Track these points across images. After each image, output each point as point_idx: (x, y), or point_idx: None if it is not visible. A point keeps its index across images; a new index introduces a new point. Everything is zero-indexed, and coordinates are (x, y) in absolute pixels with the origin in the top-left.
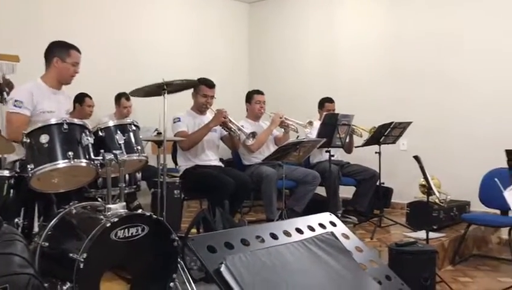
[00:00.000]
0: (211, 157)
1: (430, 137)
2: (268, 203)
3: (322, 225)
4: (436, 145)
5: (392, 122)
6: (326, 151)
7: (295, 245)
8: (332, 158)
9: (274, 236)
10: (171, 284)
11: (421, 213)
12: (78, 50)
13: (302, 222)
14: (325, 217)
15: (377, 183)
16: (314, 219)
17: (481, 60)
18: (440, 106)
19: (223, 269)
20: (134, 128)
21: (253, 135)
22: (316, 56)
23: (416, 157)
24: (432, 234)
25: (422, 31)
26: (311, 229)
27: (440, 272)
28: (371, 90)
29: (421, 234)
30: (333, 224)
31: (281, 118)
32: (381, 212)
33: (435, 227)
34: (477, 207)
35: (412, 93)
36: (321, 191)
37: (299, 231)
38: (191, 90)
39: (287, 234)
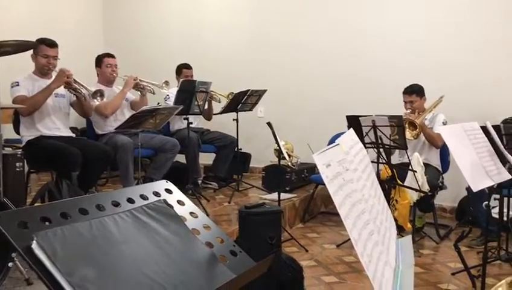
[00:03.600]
0: (59, 126)
1: (285, 104)
2: (124, 174)
3: (156, 193)
4: (291, 112)
5: (249, 90)
6: (185, 119)
7: (122, 215)
8: (191, 125)
9: (100, 207)
10: (10, 264)
11: (275, 176)
12: None
13: (134, 190)
14: (161, 184)
15: (236, 149)
16: (149, 187)
17: (332, 32)
18: (294, 75)
19: (34, 245)
20: None
21: (100, 93)
22: (176, 21)
23: (269, 124)
24: (284, 195)
25: (281, 1)
26: (144, 198)
27: (291, 230)
28: (230, 57)
29: (275, 196)
30: (169, 191)
31: (135, 79)
32: (240, 177)
33: (287, 188)
34: None
35: (269, 62)
36: (181, 158)
37: (130, 200)
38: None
39: (115, 204)
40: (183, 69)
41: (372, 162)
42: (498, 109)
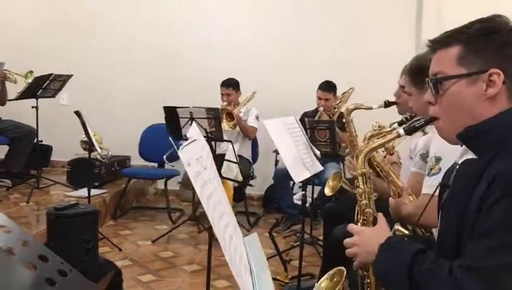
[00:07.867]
0: None
1: (92, 92)
2: None
3: None
4: (99, 101)
5: (52, 74)
6: None
7: None
8: None
9: None
10: None
11: (83, 170)
12: None
13: None
14: None
15: (35, 141)
16: None
17: (142, 18)
18: (103, 61)
19: None
20: None
21: None
22: None
23: (77, 113)
24: (93, 191)
25: None
26: None
27: (102, 228)
28: (26, 39)
29: (83, 192)
30: None
31: None
32: (40, 173)
33: (96, 184)
34: (138, 161)
35: (76, 46)
36: None
37: None
38: None
39: None
40: None
41: None
42: (304, 104)
